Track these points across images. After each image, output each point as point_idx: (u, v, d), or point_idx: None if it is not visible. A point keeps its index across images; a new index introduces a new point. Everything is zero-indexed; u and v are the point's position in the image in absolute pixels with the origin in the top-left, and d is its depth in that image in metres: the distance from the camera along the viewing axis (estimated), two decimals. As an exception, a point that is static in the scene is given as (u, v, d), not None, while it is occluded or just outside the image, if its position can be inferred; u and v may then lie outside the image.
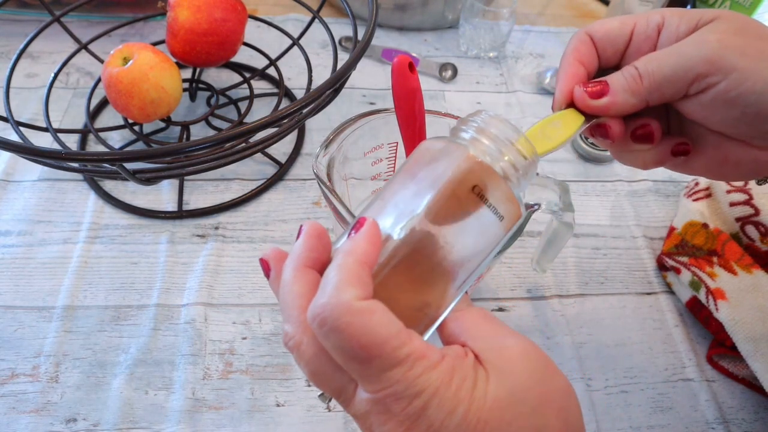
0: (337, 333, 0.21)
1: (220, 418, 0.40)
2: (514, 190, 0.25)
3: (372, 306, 0.21)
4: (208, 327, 0.44)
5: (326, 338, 0.21)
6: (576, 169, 0.58)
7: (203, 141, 0.39)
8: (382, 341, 0.21)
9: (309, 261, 0.24)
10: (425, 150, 0.26)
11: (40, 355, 0.42)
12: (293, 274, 0.24)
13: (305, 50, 0.58)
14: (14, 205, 0.51)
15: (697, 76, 0.27)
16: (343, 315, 0.21)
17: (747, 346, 0.41)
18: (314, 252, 0.24)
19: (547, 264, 0.44)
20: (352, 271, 0.22)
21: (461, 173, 0.24)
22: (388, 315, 0.22)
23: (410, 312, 0.24)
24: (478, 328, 0.25)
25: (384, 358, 0.21)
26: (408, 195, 0.24)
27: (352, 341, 0.21)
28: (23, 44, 0.52)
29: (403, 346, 0.21)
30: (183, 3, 0.51)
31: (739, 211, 0.48)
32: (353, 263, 0.22)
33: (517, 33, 0.74)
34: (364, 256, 0.22)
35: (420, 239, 0.23)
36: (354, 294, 0.21)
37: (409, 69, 0.37)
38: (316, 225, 0.25)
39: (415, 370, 0.21)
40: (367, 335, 0.21)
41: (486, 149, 0.25)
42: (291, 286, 0.23)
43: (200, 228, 0.51)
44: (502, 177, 0.25)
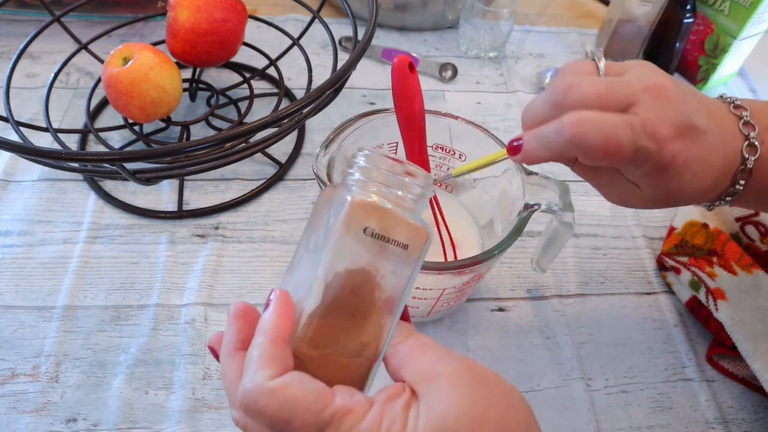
0: (261, 415, 0.22)
1: (220, 418, 0.40)
2: (410, 215, 0.25)
3: (285, 381, 0.22)
4: (208, 327, 0.44)
5: (255, 422, 0.23)
6: (576, 169, 0.58)
7: (203, 141, 0.39)
8: (303, 410, 0.22)
9: (238, 344, 0.25)
10: (320, 202, 0.27)
11: (41, 355, 0.42)
12: (225, 362, 0.25)
13: (305, 50, 0.58)
14: (14, 205, 0.51)
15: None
16: (260, 398, 0.22)
17: (747, 346, 0.41)
18: (241, 333, 0.26)
19: (547, 264, 0.44)
20: (263, 352, 0.23)
21: (348, 219, 0.24)
22: (304, 384, 0.23)
23: (347, 359, 0.25)
24: (414, 359, 0.25)
25: (310, 425, 0.22)
26: (312, 251, 0.25)
27: (275, 419, 0.22)
28: (23, 44, 0.52)
29: (325, 408, 0.22)
30: (183, 3, 0.51)
31: (739, 211, 0.48)
32: (264, 343, 0.23)
33: (517, 33, 0.74)
34: (275, 331, 0.24)
35: (335, 290, 0.24)
36: (267, 374, 0.23)
37: (409, 69, 0.37)
38: (240, 306, 0.26)
39: (344, 425, 0.22)
40: (285, 410, 0.22)
41: (371, 188, 0.25)
42: (225, 373, 0.25)
43: (200, 228, 0.51)
44: (393, 208, 0.25)
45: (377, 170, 0.25)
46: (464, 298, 0.44)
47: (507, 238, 0.37)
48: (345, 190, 0.25)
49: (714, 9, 0.64)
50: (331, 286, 0.24)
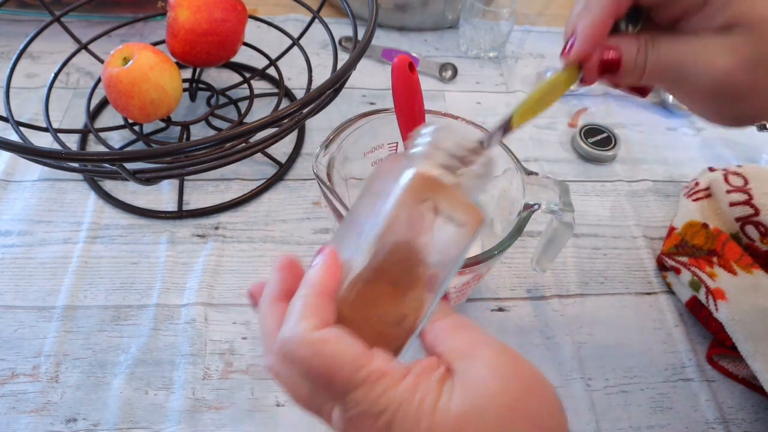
0: (297, 364, 0.23)
1: (220, 418, 0.40)
2: (469, 195, 0.25)
3: (326, 335, 0.23)
4: (208, 327, 0.44)
5: (290, 369, 0.23)
6: (576, 169, 0.58)
7: (203, 141, 0.39)
8: (339, 367, 0.22)
9: (281, 293, 0.26)
10: (381, 169, 0.27)
11: (41, 355, 0.42)
12: (265, 309, 0.26)
13: (305, 50, 0.58)
14: (14, 205, 0.51)
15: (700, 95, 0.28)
16: (299, 347, 0.23)
17: (747, 346, 0.41)
18: (285, 284, 0.26)
19: (547, 264, 0.44)
20: (308, 303, 0.23)
21: (411, 189, 0.24)
22: (344, 341, 0.23)
23: (385, 327, 0.25)
24: (452, 338, 0.25)
25: (344, 382, 0.22)
26: (368, 216, 0.25)
27: (311, 370, 0.22)
28: (23, 44, 0.52)
29: (362, 368, 0.22)
30: (183, 3, 0.51)
31: (739, 211, 0.48)
32: (310, 295, 0.24)
33: (517, 33, 0.74)
34: (321, 286, 0.24)
35: (384, 257, 0.24)
36: (309, 325, 0.23)
37: (409, 69, 0.37)
38: (287, 258, 0.26)
39: (377, 389, 0.22)
40: (324, 363, 0.22)
41: (436, 161, 0.25)
42: (264, 321, 0.25)
43: (200, 228, 0.51)
44: (455, 186, 0.25)
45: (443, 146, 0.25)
46: (464, 298, 0.44)
47: (507, 238, 0.37)
48: (409, 160, 0.25)
49: (714, 9, 0.64)
50: (381, 252, 0.24)
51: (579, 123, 0.62)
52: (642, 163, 0.59)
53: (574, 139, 0.60)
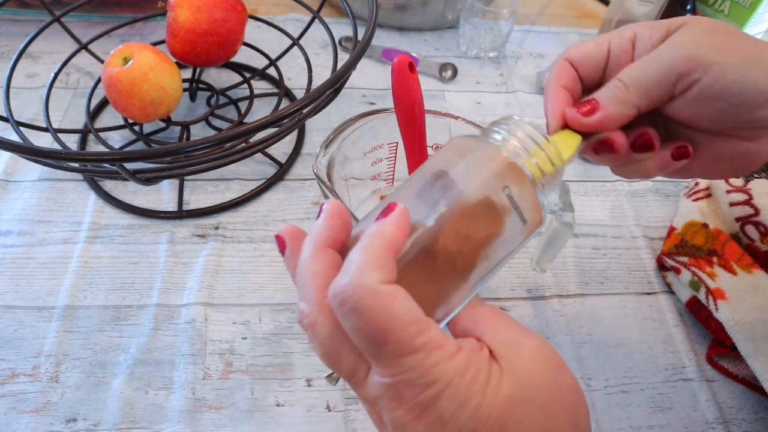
0: (358, 313, 0.21)
1: (220, 418, 0.40)
2: (541, 195, 0.26)
3: (394, 291, 0.21)
4: (208, 327, 0.44)
5: (346, 318, 0.21)
6: (576, 169, 0.58)
7: (203, 141, 0.39)
8: (401, 326, 0.21)
9: (329, 240, 0.24)
10: (458, 145, 0.26)
11: (40, 355, 0.42)
12: (312, 253, 0.23)
13: (305, 50, 0.58)
14: (14, 205, 0.51)
15: (680, 76, 0.28)
16: (365, 296, 0.21)
17: (747, 346, 0.41)
18: (335, 232, 0.24)
19: (547, 264, 0.44)
20: (378, 255, 0.22)
21: (495, 172, 0.24)
22: (410, 301, 0.22)
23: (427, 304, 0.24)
24: (493, 324, 0.25)
25: (401, 343, 0.21)
26: (438, 187, 0.25)
27: (371, 323, 0.21)
28: (23, 44, 0.52)
29: (421, 333, 0.21)
30: (183, 3, 0.51)
31: (739, 211, 0.48)
32: (380, 247, 0.22)
33: (517, 33, 0.74)
34: (391, 240, 0.22)
35: (446, 233, 0.24)
36: (378, 277, 0.21)
37: (409, 69, 0.37)
38: (338, 204, 0.25)
39: (431, 358, 0.21)
40: (387, 319, 0.21)
41: (518, 152, 0.25)
42: (310, 265, 0.23)
43: (200, 228, 0.51)
44: (533, 181, 0.25)
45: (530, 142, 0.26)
46: (464, 298, 0.44)
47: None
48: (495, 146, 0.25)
49: (714, 9, 0.64)
50: (447, 223, 0.24)
51: (579, 123, 0.62)
52: (642, 163, 0.59)
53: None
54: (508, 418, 0.22)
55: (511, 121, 0.27)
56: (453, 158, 0.26)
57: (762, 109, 0.28)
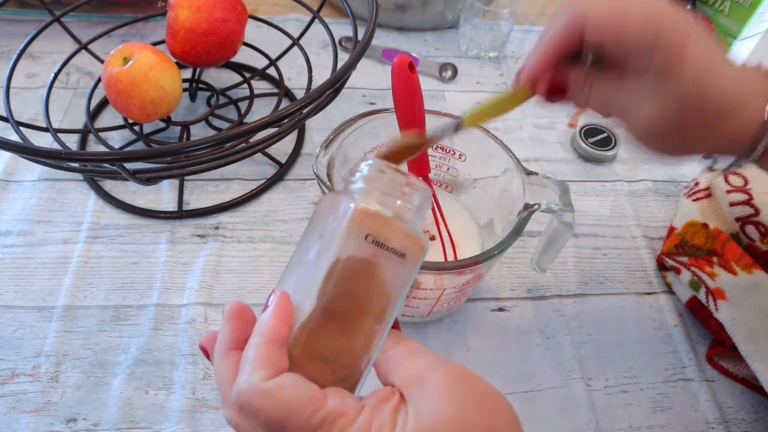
0: (255, 415, 0.23)
1: (220, 418, 0.40)
2: (409, 226, 0.26)
3: (280, 383, 0.23)
4: (208, 327, 0.44)
5: (248, 421, 0.23)
6: (576, 169, 0.58)
7: (203, 141, 0.39)
8: (294, 413, 0.22)
9: (232, 343, 0.26)
10: (321, 206, 0.27)
11: (41, 355, 0.42)
12: (219, 361, 0.25)
13: (305, 50, 0.58)
14: (14, 205, 0.51)
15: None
16: (254, 398, 0.23)
17: (747, 346, 0.41)
18: (236, 333, 0.26)
19: (547, 264, 0.44)
20: (260, 353, 0.23)
21: (351, 226, 0.25)
22: (298, 386, 0.23)
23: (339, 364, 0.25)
24: (403, 365, 0.25)
25: (302, 427, 0.22)
26: (311, 256, 0.26)
27: (267, 420, 0.22)
28: (23, 44, 0.52)
29: (316, 411, 0.22)
30: (183, 3, 0.51)
31: (739, 211, 0.48)
32: (261, 344, 0.24)
33: (517, 33, 0.74)
34: (271, 333, 0.24)
35: (332, 295, 0.25)
36: (261, 375, 0.23)
37: (409, 69, 0.37)
38: (235, 305, 0.26)
39: (335, 429, 0.22)
40: (280, 411, 0.22)
41: (373, 197, 0.26)
42: (218, 373, 0.25)
43: (200, 228, 0.51)
44: (393, 218, 0.25)
45: (380, 180, 0.26)
46: (464, 298, 0.44)
47: (507, 238, 0.37)
48: (348, 197, 0.26)
49: (714, 9, 0.64)
50: (327, 292, 0.25)
51: (579, 123, 0.62)
52: (642, 163, 0.59)
53: (574, 139, 0.60)
54: None
55: (363, 165, 0.27)
56: (318, 222, 0.27)
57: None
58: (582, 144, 0.59)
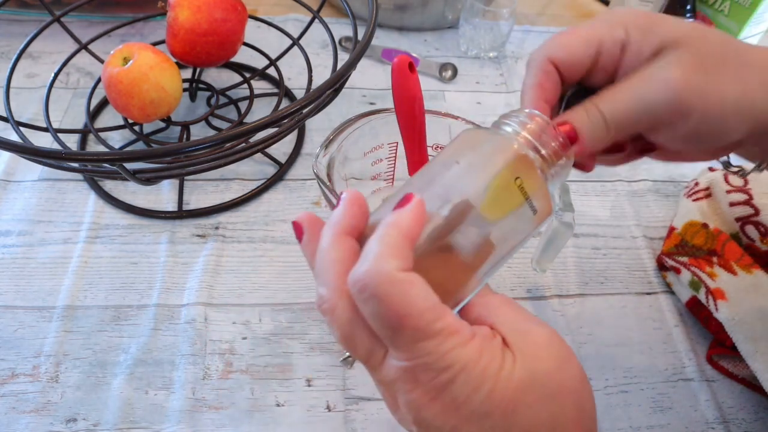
0: (377, 300, 0.22)
1: (220, 418, 0.40)
2: (551, 186, 0.26)
3: (411, 278, 0.22)
4: (208, 327, 0.44)
5: (365, 304, 0.22)
6: (576, 170, 0.58)
7: (203, 141, 0.39)
8: (418, 312, 0.22)
9: (348, 228, 0.24)
10: (469, 137, 0.27)
11: (40, 355, 0.42)
12: (332, 240, 0.24)
13: (305, 50, 0.58)
14: (14, 205, 0.51)
15: (659, 121, 0.28)
16: (384, 283, 0.21)
17: (747, 346, 0.41)
18: (354, 219, 0.25)
19: (547, 264, 0.44)
20: (395, 244, 0.22)
21: (507, 163, 0.25)
22: (426, 288, 0.22)
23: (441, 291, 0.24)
24: (505, 312, 0.26)
25: (418, 329, 0.22)
26: (452, 178, 0.25)
27: (390, 309, 0.22)
28: (23, 44, 0.52)
29: (437, 320, 0.22)
30: (183, 3, 0.51)
31: (739, 211, 0.48)
32: (397, 236, 0.23)
33: (517, 33, 0.74)
34: (407, 230, 0.23)
35: (459, 223, 0.24)
36: (396, 265, 0.22)
37: (409, 69, 0.37)
38: (357, 193, 0.25)
39: (447, 344, 0.22)
40: (405, 305, 0.21)
41: (528, 144, 0.26)
42: (330, 252, 0.24)
43: (200, 228, 0.51)
44: (544, 173, 0.26)
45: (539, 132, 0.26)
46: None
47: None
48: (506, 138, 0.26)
49: (714, 9, 0.64)
50: (460, 217, 0.24)
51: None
52: (642, 163, 0.59)
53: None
54: (519, 403, 0.23)
55: (522, 114, 0.27)
56: (464, 150, 0.26)
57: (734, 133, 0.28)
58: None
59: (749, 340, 0.41)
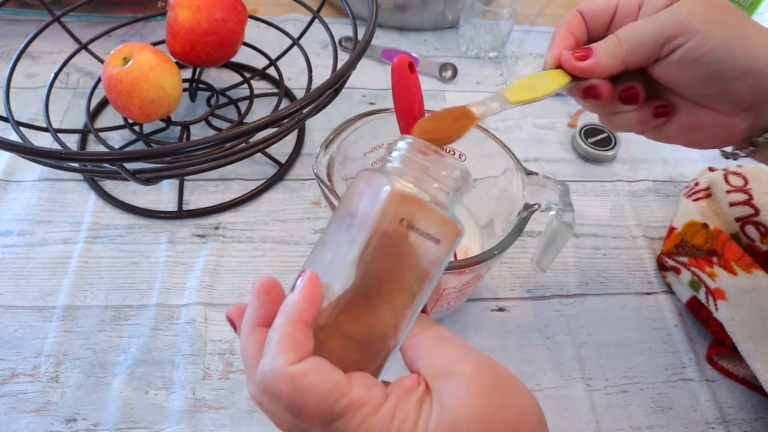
0: (277, 398, 0.23)
1: (220, 418, 0.40)
2: (444, 210, 0.25)
3: (304, 368, 0.22)
4: (208, 327, 0.44)
5: (270, 403, 0.23)
6: (576, 169, 0.58)
7: (203, 141, 0.39)
8: (318, 400, 0.22)
9: (259, 320, 0.25)
10: (355, 185, 0.26)
11: (41, 355, 0.42)
12: (246, 336, 0.25)
13: (305, 50, 0.58)
14: (14, 205, 0.51)
15: (667, 39, 0.31)
16: (278, 382, 0.22)
17: (747, 346, 0.41)
18: (264, 309, 0.25)
19: (547, 264, 0.44)
20: (286, 335, 0.23)
21: (386, 209, 0.24)
22: (323, 373, 0.23)
23: (365, 347, 0.25)
24: (431, 353, 0.25)
25: (323, 414, 0.22)
26: (342, 238, 0.25)
27: (290, 404, 0.22)
28: (23, 44, 0.52)
29: (340, 399, 0.22)
30: (183, 3, 0.51)
31: (739, 211, 0.48)
32: (287, 325, 0.23)
33: (517, 33, 0.74)
34: (298, 315, 0.24)
35: (363, 276, 0.24)
36: (286, 360, 0.22)
37: (409, 69, 0.37)
38: (264, 281, 0.25)
39: (357, 418, 0.22)
40: (302, 398, 0.22)
41: (410, 179, 0.25)
42: (244, 348, 0.25)
43: (200, 228, 0.51)
44: (430, 202, 0.25)
45: (417, 161, 0.25)
46: (464, 298, 0.44)
47: (507, 238, 0.37)
48: (385, 177, 0.25)
49: (714, 9, 0.64)
50: (358, 273, 0.24)
51: (579, 123, 0.62)
52: (642, 163, 0.59)
53: (574, 139, 0.60)
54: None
55: (402, 144, 0.26)
56: (352, 202, 0.26)
57: (737, 82, 0.31)
58: (582, 144, 0.59)
59: (749, 340, 0.41)
